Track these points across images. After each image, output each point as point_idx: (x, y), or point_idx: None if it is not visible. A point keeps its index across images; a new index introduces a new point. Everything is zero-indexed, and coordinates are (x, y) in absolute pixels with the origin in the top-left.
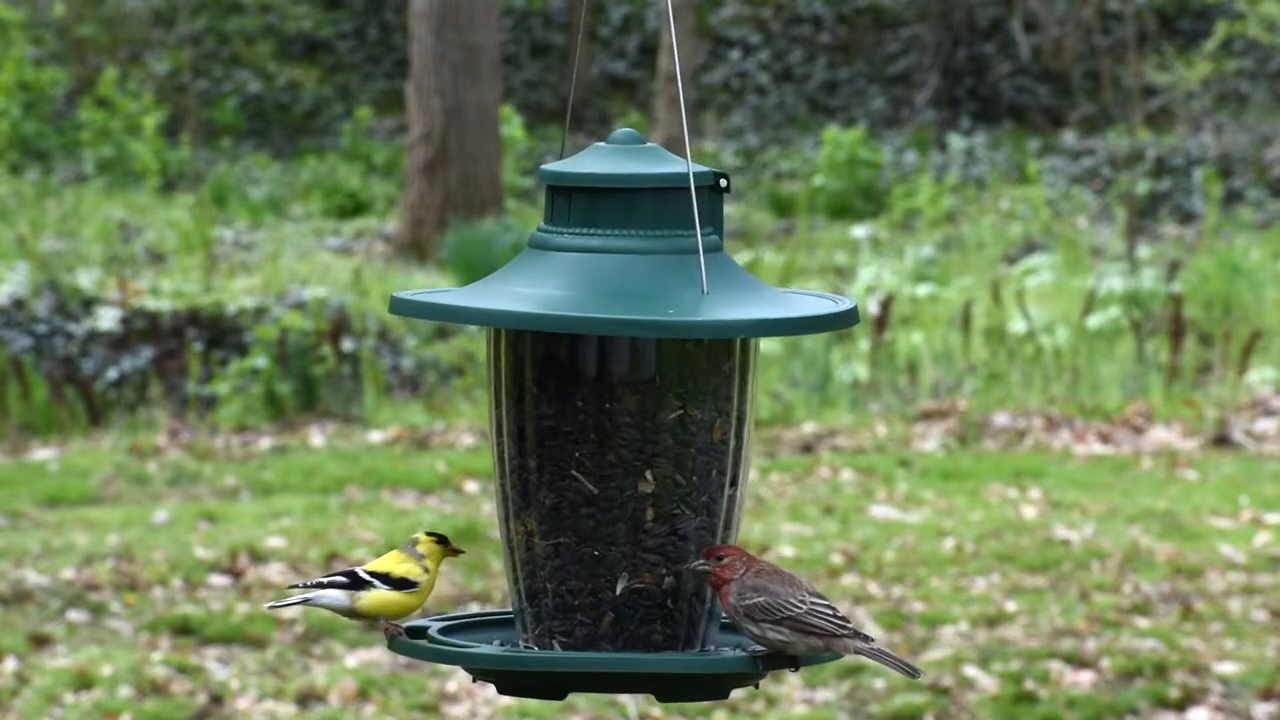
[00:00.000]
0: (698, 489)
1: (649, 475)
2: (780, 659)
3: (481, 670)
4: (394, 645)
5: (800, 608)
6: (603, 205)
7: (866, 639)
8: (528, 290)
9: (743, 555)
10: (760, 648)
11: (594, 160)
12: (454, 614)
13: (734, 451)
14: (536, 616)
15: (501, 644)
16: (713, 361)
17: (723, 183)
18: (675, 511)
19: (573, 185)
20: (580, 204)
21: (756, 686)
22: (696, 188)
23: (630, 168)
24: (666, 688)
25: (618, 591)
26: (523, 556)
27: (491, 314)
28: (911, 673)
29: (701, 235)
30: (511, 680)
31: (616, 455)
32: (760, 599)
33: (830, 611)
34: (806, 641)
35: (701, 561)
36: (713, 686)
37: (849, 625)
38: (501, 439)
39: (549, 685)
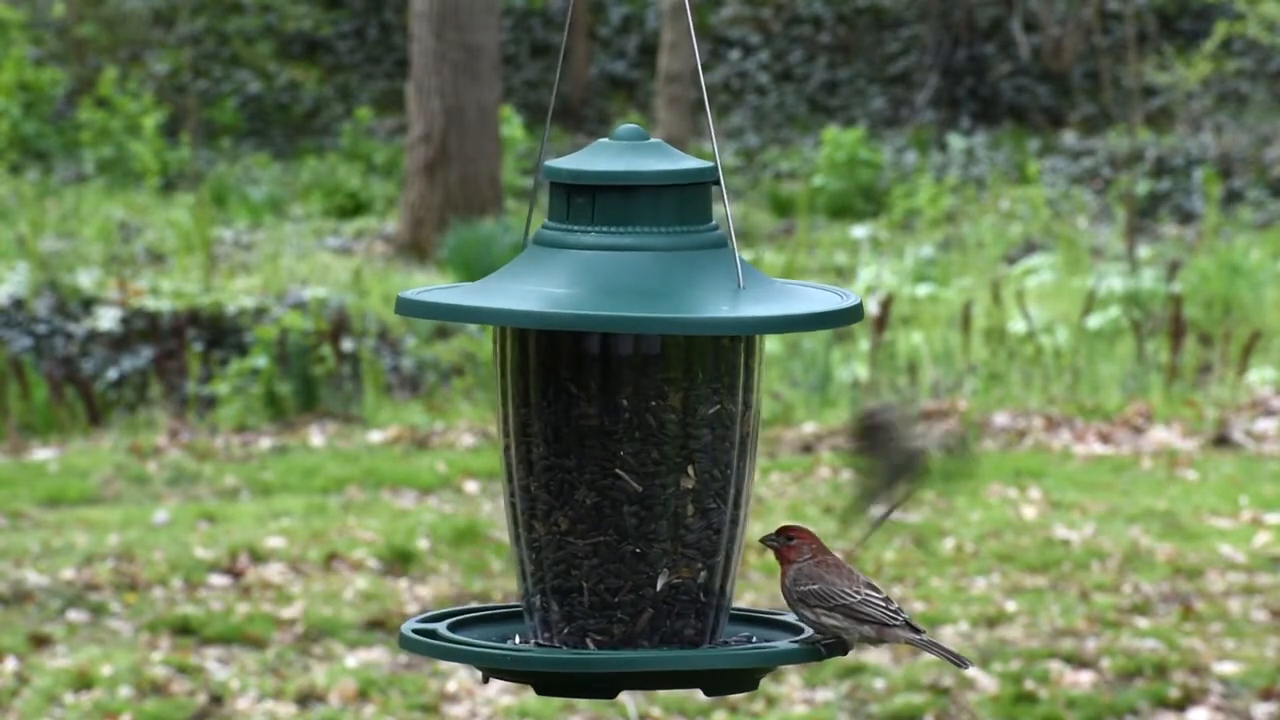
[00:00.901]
0: (730, 482)
1: (690, 470)
2: (838, 646)
3: (532, 673)
4: (414, 646)
5: (854, 597)
6: (623, 202)
7: (918, 630)
8: (557, 290)
9: (813, 541)
10: (816, 634)
11: (604, 157)
12: (458, 608)
13: (753, 444)
14: (567, 615)
15: (521, 641)
16: (744, 355)
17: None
18: (712, 505)
19: (593, 183)
20: (603, 201)
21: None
22: (702, 183)
23: (646, 164)
24: (713, 682)
25: (659, 588)
26: (553, 556)
27: (541, 316)
28: (961, 664)
29: (716, 230)
30: (560, 681)
31: (660, 452)
32: (815, 586)
33: (884, 603)
34: (860, 630)
35: (773, 536)
36: (750, 678)
37: (901, 615)
38: (528, 439)
39: (601, 685)
